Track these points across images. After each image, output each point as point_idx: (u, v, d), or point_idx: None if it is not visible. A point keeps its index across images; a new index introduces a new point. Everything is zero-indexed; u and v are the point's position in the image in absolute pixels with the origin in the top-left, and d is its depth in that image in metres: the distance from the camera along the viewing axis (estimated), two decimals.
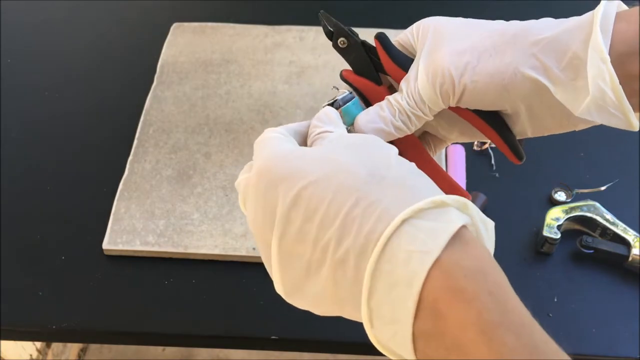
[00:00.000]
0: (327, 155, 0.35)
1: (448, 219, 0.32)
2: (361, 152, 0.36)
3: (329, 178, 0.34)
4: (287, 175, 0.35)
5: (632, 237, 0.64)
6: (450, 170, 0.72)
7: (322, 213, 0.33)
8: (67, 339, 0.66)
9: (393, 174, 0.34)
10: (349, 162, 0.35)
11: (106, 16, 0.94)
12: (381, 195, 0.33)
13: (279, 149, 0.38)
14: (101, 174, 0.74)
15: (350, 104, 0.44)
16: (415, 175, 0.35)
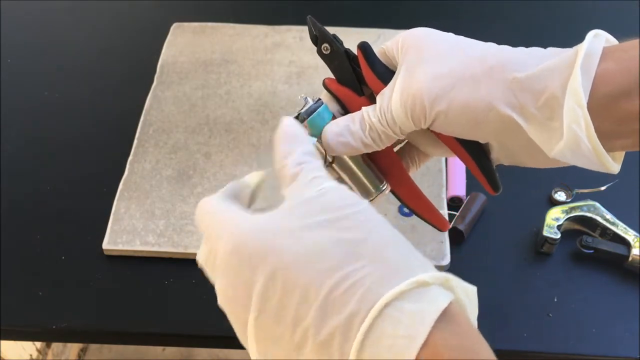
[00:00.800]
0: (302, 232, 0.33)
1: (431, 299, 0.31)
2: (336, 222, 0.33)
3: (307, 258, 0.32)
4: (261, 254, 0.33)
5: (632, 237, 0.64)
6: (450, 171, 0.72)
7: (300, 294, 0.32)
8: (67, 339, 0.66)
9: (370, 247, 0.33)
10: (325, 239, 0.33)
11: (106, 16, 0.94)
12: (361, 274, 0.32)
13: (243, 222, 0.34)
14: (101, 174, 0.74)
15: (316, 114, 0.43)
16: (392, 244, 0.33)
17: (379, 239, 0.33)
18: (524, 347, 0.60)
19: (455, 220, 0.67)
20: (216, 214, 0.36)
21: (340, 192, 0.36)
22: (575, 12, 0.94)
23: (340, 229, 0.33)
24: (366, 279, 0.31)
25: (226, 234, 0.34)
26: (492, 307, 0.63)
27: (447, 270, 0.66)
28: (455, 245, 0.67)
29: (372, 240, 0.33)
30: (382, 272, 0.32)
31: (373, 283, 0.31)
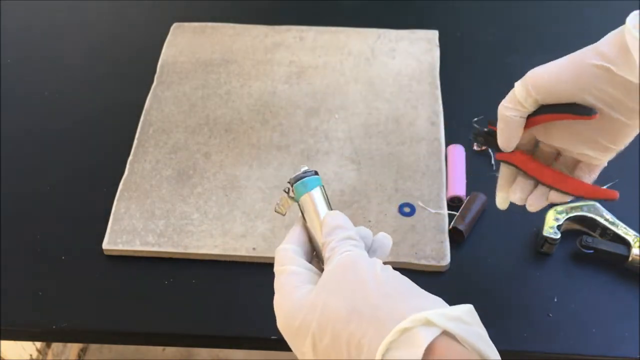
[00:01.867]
0: (321, 304, 0.42)
1: (415, 342, 0.37)
2: (344, 289, 0.42)
3: (324, 325, 0.42)
4: (296, 332, 0.43)
5: (632, 237, 0.64)
6: (450, 171, 0.72)
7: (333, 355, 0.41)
8: (67, 339, 0.66)
9: (370, 306, 0.41)
10: (337, 307, 0.41)
11: (106, 16, 0.94)
12: (362, 332, 0.40)
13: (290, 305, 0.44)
14: (101, 174, 0.74)
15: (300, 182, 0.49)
16: (387, 299, 0.41)
17: (376, 295, 0.41)
18: (524, 347, 0.60)
19: (455, 220, 0.67)
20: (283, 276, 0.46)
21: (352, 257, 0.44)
22: (575, 12, 0.94)
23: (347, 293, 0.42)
24: (367, 336, 0.39)
25: (277, 310, 0.45)
26: (492, 307, 0.63)
27: (447, 271, 0.66)
28: (455, 245, 0.67)
29: (371, 298, 0.41)
30: (378, 328, 0.39)
31: (372, 339, 0.39)
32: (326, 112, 0.78)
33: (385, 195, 0.70)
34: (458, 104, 0.80)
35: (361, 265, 0.43)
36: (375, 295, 0.41)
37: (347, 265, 0.44)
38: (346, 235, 0.46)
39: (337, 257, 0.45)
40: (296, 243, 0.48)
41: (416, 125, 0.77)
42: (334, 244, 0.46)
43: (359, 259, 0.44)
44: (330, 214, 0.48)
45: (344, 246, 0.46)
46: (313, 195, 0.49)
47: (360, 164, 0.73)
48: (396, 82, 0.82)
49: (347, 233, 0.47)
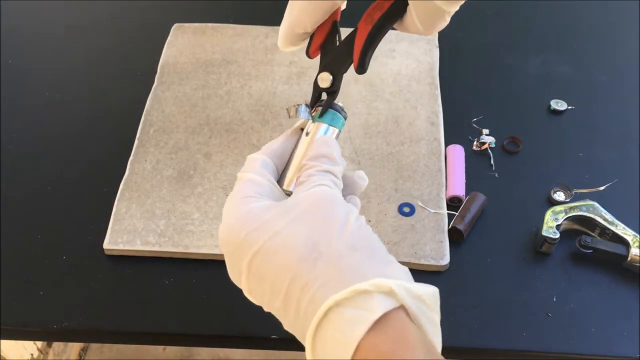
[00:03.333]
0: (281, 227, 0.38)
1: (370, 307, 0.34)
2: (308, 223, 0.38)
3: (273, 251, 0.38)
4: (240, 244, 0.39)
5: (631, 237, 0.64)
6: (449, 171, 0.72)
7: (269, 285, 0.38)
8: (67, 339, 0.66)
9: (330, 251, 0.37)
10: (290, 235, 0.38)
11: (107, 17, 0.95)
12: (313, 276, 0.36)
13: (237, 214, 0.41)
14: (102, 174, 0.74)
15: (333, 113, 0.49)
16: (352, 251, 0.37)
17: (343, 242, 0.37)
18: (523, 346, 0.60)
19: (455, 220, 0.67)
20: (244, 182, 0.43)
21: (328, 194, 0.40)
22: (575, 12, 0.94)
23: (309, 227, 0.38)
24: (316, 282, 0.36)
25: (224, 219, 0.41)
26: (491, 306, 0.63)
27: (446, 271, 0.66)
28: (455, 245, 0.67)
29: (334, 243, 0.37)
30: (331, 277, 0.36)
31: (321, 287, 0.36)
32: None
33: (385, 195, 0.70)
34: (458, 104, 0.80)
35: (335, 206, 0.40)
36: (341, 242, 0.37)
37: (321, 199, 0.40)
38: (329, 169, 0.42)
39: (312, 187, 0.41)
40: (270, 155, 0.45)
41: (416, 126, 0.77)
42: (314, 172, 0.42)
43: (334, 198, 0.40)
44: (324, 138, 0.45)
45: (322, 179, 0.42)
46: (330, 130, 0.47)
47: (360, 164, 0.73)
48: (396, 83, 0.82)
49: (332, 167, 0.43)
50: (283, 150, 0.46)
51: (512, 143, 0.77)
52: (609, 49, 0.88)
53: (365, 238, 0.39)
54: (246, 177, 0.43)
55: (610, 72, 0.85)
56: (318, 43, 0.50)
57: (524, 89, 0.83)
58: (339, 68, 0.50)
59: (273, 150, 0.45)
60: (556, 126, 0.79)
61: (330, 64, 0.50)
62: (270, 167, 0.44)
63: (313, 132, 0.47)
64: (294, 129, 0.48)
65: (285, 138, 0.47)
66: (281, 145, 0.46)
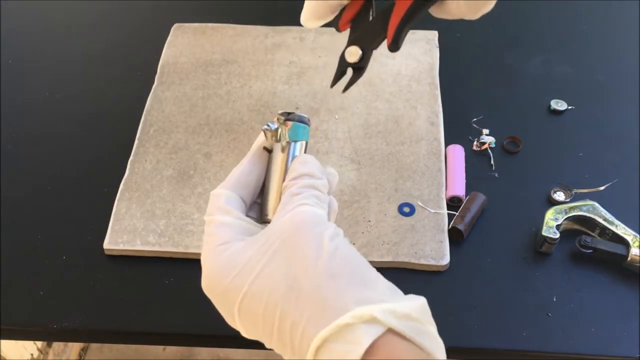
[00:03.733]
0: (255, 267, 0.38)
1: (355, 340, 0.34)
2: (285, 256, 0.38)
3: (257, 294, 0.38)
4: (224, 293, 0.40)
5: (631, 237, 0.64)
6: (449, 171, 0.72)
7: (261, 327, 0.38)
8: (67, 339, 0.66)
9: (308, 284, 0.37)
10: (270, 274, 0.38)
11: (107, 17, 0.95)
12: (298, 313, 0.36)
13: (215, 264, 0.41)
14: (102, 174, 0.74)
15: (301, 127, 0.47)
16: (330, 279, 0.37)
17: (320, 271, 0.37)
18: (523, 346, 0.60)
19: (455, 220, 0.67)
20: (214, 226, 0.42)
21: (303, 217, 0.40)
22: (575, 12, 0.94)
23: (289, 261, 0.38)
24: (303, 318, 0.36)
25: (204, 270, 0.42)
26: (491, 306, 0.63)
27: (446, 271, 0.66)
28: (455, 245, 0.67)
29: (313, 273, 0.37)
30: (315, 311, 0.36)
31: (308, 323, 0.36)
32: (326, 112, 0.79)
33: (385, 195, 0.70)
34: (458, 104, 0.80)
35: (311, 231, 0.38)
36: (318, 272, 0.37)
37: (298, 225, 0.39)
38: (311, 184, 0.42)
39: (291, 212, 0.40)
40: (234, 186, 0.43)
41: (416, 126, 0.77)
42: (296, 190, 0.41)
43: (311, 222, 0.39)
44: (302, 158, 0.44)
45: (305, 197, 0.41)
46: (299, 145, 0.46)
47: (360, 164, 0.73)
48: (396, 83, 0.82)
49: (314, 181, 0.42)
50: (247, 178, 0.44)
51: (512, 143, 0.77)
52: (609, 49, 0.88)
53: (343, 259, 0.38)
54: (214, 222, 0.42)
55: (610, 72, 0.85)
56: (350, 16, 0.46)
57: (524, 89, 0.83)
58: (370, 43, 0.47)
59: (237, 181, 0.44)
60: (556, 126, 0.79)
61: (360, 37, 0.46)
62: (236, 201, 0.43)
63: (285, 154, 0.45)
64: (255, 152, 0.46)
65: (249, 164, 0.45)
66: (246, 173, 0.44)
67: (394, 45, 0.45)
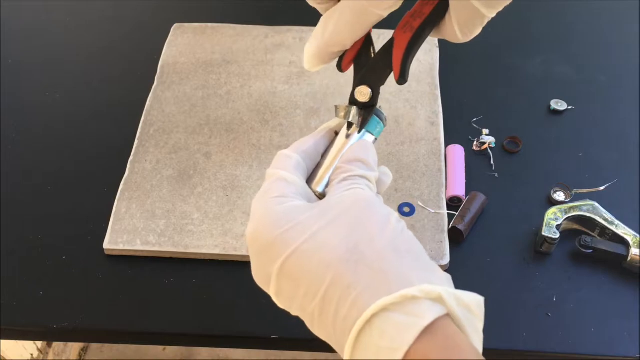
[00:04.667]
0: (317, 229, 0.36)
1: (419, 313, 0.33)
2: (347, 224, 0.36)
3: (310, 251, 0.35)
4: (272, 244, 0.36)
5: (631, 237, 0.64)
6: (449, 171, 0.72)
7: (305, 287, 0.35)
8: (67, 339, 0.66)
9: (372, 252, 0.35)
10: (329, 236, 0.36)
11: (107, 16, 0.95)
12: (356, 278, 0.34)
13: (269, 213, 0.38)
14: (102, 174, 0.74)
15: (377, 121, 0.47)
16: (396, 254, 0.35)
17: (386, 244, 0.35)
18: (523, 346, 0.60)
19: (455, 220, 0.67)
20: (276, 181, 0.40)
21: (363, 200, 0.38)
22: (575, 12, 0.94)
23: (352, 228, 0.36)
24: (360, 285, 0.34)
25: (253, 217, 0.38)
26: (491, 306, 0.63)
27: (446, 271, 0.66)
28: (455, 245, 0.67)
29: (376, 244, 0.35)
30: (376, 280, 0.34)
31: (365, 290, 0.34)
32: (326, 112, 0.79)
33: (385, 195, 0.70)
34: (458, 104, 0.80)
35: (374, 207, 0.37)
36: (385, 244, 0.35)
37: (358, 200, 0.38)
38: (363, 174, 0.41)
39: (348, 190, 0.39)
40: (302, 154, 0.42)
41: (416, 126, 0.77)
42: (348, 176, 0.40)
43: (373, 200, 0.38)
44: (362, 142, 0.43)
45: (357, 183, 0.40)
46: (367, 135, 0.46)
47: None
48: (395, 83, 0.81)
49: (367, 172, 0.41)
50: (314, 152, 0.43)
51: (512, 143, 0.77)
52: (609, 49, 0.88)
53: (408, 241, 0.37)
54: (279, 175, 0.40)
55: (610, 72, 0.85)
56: (352, 56, 0.47)
57: (524, 89, 0.83)
58: (377, 80, 0.47)
59: (305, 150, 0.43)
60: (556, 126, 0.79)
61: (367, 76, 0.47)
62: (302, 168, 0.42)
63: (351, 136, 0.45)
64: (325, 129, 0.45)
65: (317, 139, 0.44)
66: (313, 145, 0.43)
67: (401, 79, 0.46)
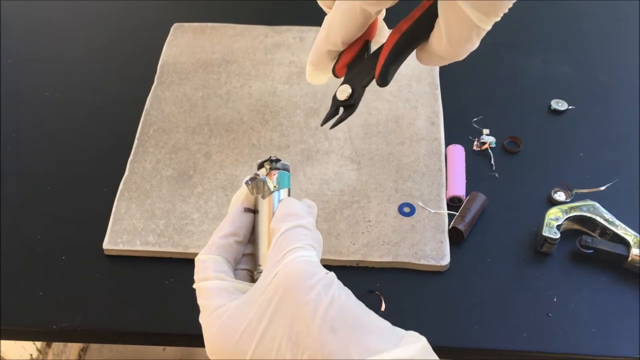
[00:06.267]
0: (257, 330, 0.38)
1: None
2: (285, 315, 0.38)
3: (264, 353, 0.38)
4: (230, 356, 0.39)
5: (632, 237, 0.64)
6: (449, 171, 0.72)
7: None
8: (67, 339, 0.66)
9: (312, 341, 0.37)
10: (274, 336, 0.38)
11: (106, 16, 0.95)
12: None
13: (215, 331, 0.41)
14: (101, 174, 0.74)
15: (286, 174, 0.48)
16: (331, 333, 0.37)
17: (320, 326, 0.37)
18: (524, 347, 0.60)
19: (455, 220, 0.67)
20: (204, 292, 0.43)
21: (296, 269, 0.40)
22: (575, 12, 0.94)
23: (290, 319, 0.38)
24: None
25: (205, 338, 0.42)
26: (491, 306, 0.63)
27: (447, 271, 0.66)
28: (455, 245, 0.67)
29: (314, 330, 0.37)
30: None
31: None
32: (326, 111, 0.78)
33: (385, 195, 0.70)
34: (458, 104, 0.80)
35: (306, 286, 0.39)
36: (319, 329, 0.37)
37: (289, 281, 0.39)
38: (297, 223, 0.42)
39: (283, 263, 0.40)
40: (217, 250, 0.44)
41: (416, 125, 0.77)
42: (283, 230, 0.42)
43: (302, 276, 0.39)
44: (285, 201, 0.45)
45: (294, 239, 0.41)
46: (282, 192, 0.47)
47: (360, 164, 0.73)
48: (396, 82, 0.82)
49: (300, 221, 0.43)
50: (230, 239, 0.45)
51: (512, 143, 0.76)
52: (609, 49, 0.88)
53: (341, 311, 0.38)
54: (203, 289, 0.42)
55: (610, 72, 0.85)
56: (346, 61, 0.48)
57: (524, 89, 0.83)
58: (360, 80, 0.48)
59: (219, 245, 0.44)
60: (556, 126, 0.78)
61: (352, 77, 0.48)
62: (222, 263, 0.44)
63: (270, 202, 0.46)
64: (234, 212, 0.46)
65: (230, 225, 0.45)
66: (228, 234, 0.45)
67: (381, 79, 0.46)
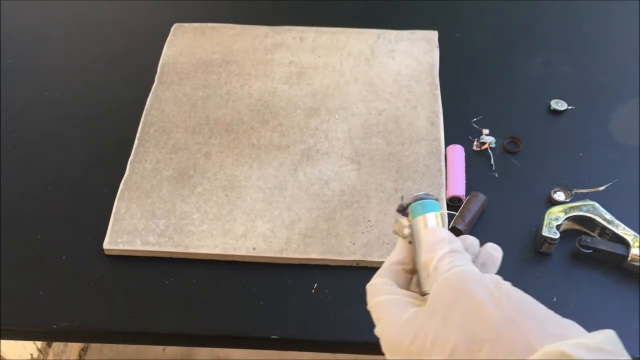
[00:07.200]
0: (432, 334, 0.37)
1: None
2: (458, 316, 0.37)
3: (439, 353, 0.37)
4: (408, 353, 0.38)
5: (631, 237, 0.64)
6: (449, 171, 0.72)
7: None
8: (67, 339, 0.66)
9: (491, 334, 0.35)
10: (451, 339, 0.36)
11: (107, 16, 0.95)
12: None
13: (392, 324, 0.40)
14: (102, 174, 0.74)
15: (419, 204, 0.47)
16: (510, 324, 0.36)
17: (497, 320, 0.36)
18: None
19: (455, 220, 0.67)
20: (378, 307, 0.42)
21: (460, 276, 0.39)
22: (575, 12, 0.94)
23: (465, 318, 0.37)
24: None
25: (382, 334, 0.41)
26: None
27: None
28: None
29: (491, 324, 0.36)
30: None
31: None
32: (326, 112, 0.79)
33: (385, 195, 0.70)
34: (458, 104, 0.80)
35: (472, 284, 0.38)
36: (495, 320, 0.36)
37: (456, 285, 0.39)
38: (448, 249, 0.42)
39: (443, 276, 0.40)
40: (385, 276, 0.45)
41: (416, 126, 0.77)
42: (437, 262, 0.41)
43: (468, 276, 0.39)
44: (429, 230, 0.44)
45: (448, 261, 0.41)
46: (427, 217, 0.46)
47: (360, 164, 0.73)
48: (396, 83, 0.82)
49: (449, 246, 0.42)
50: (395, 266, 0.46)
51: (512, 143, 0.77)
52: (609, 49, 0.88)
53: (517, 304, 0.37)
54: (383, 301, 0.42)
55: (610, 72, 0.85)
56: None
57: (524, 89, 0.83)
58: None
59: (386, 270, 0.45)
60: (556, 126, 0.79)
61: None
62: (392, 284, 0.44)
63: (415, 232, 0.46)
64: (401, 242, 0.47)
65: (394, 254, 0.46)
66: (392, 261, 0.46)
67: None
